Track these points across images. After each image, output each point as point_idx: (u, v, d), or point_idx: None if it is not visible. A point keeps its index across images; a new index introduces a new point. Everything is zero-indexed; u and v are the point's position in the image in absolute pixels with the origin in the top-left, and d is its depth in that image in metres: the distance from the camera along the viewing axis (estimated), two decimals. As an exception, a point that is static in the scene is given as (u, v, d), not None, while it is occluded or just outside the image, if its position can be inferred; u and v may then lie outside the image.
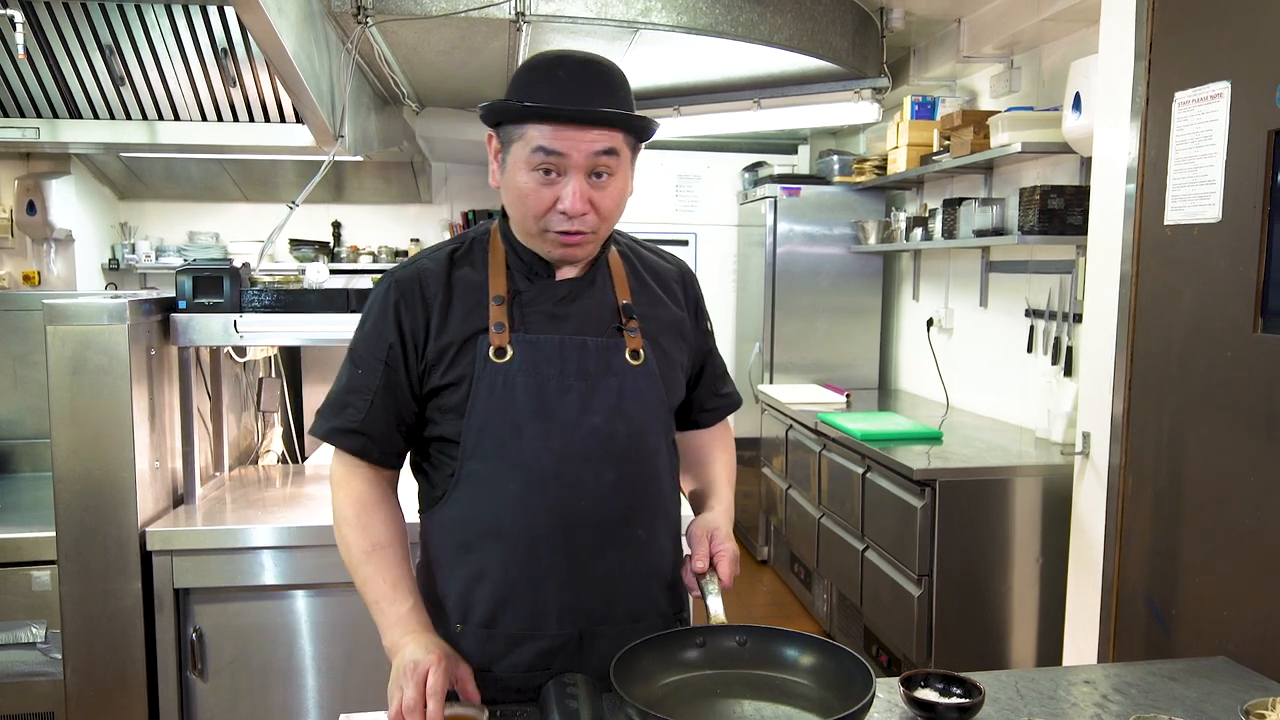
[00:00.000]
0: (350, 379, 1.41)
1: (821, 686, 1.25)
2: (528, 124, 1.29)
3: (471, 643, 1.39)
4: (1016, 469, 3.15)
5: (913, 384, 5.01)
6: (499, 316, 1.37)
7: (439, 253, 1.44)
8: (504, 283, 1.40)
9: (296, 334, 2.44)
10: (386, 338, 1.38)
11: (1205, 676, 1.49)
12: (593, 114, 1.28)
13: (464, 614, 1.41)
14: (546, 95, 1.28)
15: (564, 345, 1.38)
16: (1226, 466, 2.08)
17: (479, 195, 6.21)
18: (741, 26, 3.40)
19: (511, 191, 1.34)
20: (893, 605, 3.28)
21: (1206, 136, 2.10)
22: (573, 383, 1.37)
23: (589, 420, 1.37)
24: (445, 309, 1.38)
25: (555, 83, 1.29)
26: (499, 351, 1.36)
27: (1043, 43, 3.72)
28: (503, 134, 1.34)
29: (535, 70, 1.33)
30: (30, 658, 2.20)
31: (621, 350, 1.41)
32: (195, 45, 3.05)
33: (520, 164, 1.31)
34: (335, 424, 1.40)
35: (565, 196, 1.30)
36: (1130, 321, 2.38)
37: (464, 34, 3.34)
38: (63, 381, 2.11)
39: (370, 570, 1.35)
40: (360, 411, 1.39)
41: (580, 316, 1.41)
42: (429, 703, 1.18)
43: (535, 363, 1.36)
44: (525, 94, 1.29)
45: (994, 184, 4.04)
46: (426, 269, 1.41)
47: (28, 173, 5.22)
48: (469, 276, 1.41)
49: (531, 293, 1.41)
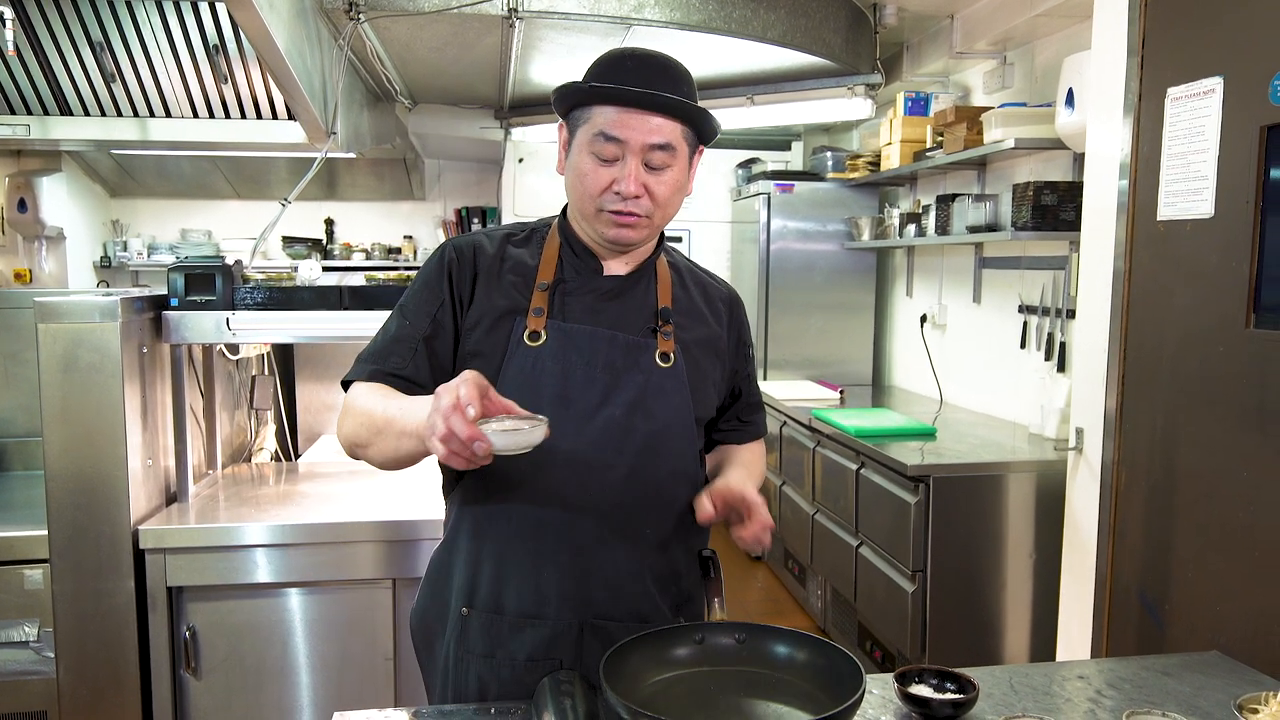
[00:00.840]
0: (399, 329, 1.43)
1: (812, 683, 1.25)
2: (593, 108, 1.35)
3: (477, 628, 1.41)
4: (1010, 465, 3.15)
5: (906, 380, 5.01)
6: (540, 302, 1.41)
7: (496, 233, 1.51)
8: (552, 271, 1.45)
9: (289, 331, 2.43)
10: (439, 294, 1.43)
11: (1198, 671, 1.49)
12: (652, 98, 1.33)
13: (470, 596, 1.42)
14: (609, 71, 1.37)
15: (595, 336, 1.41)
16: (1219, 461, 2.08)
17: (472, 192, 6.20)
18: (734, 23, 3.39)
19: (572, 173, 1.40)
20: (887, 601, 3.28)
21: (1199, 132, 2.10)
22: (598, 374, 1.40)
23: (608, 412, 1.39)
24: (491, 280, 1.43)
25: (622, 70, 1.37)
26: (533, 335, 1.40)
27: (1036, 38, 3.72)
28: (571, 121, 1.40)
29: (606, 62, 1.40)
30: (23, 656, 2.19)
31: (652, 350, 1.44)
32: (186, 41, 3.03)
33: (582, 147, 1.37)
34: (378, 366, 1.41)
35: (622, 178, 1.35)
36: (1123, 317, 2.38)
37: (456, 30, 3.33)
38: (54, 379, 2.10)
39: (388, 400, 1.33)
40: (405, 359, 1.41)
41: (619, 313, 1.45)
42: (460, 391, 1.12)
43: (565, 350, 1.40)
44: (590, 72, 1.39)
45: (987, 180, 4.05)
46: (481, 242, 1.47)
47: (18, 170, 5.20)
48: (521, 257, 1.46)
49: (576, 283, 1.45)
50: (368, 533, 2.22)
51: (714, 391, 1.54)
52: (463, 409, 1.11)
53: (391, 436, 1.30)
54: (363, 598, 2.26)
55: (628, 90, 1.33)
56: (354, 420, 1.37)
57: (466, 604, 1.42)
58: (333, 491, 2.52)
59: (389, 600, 2.26)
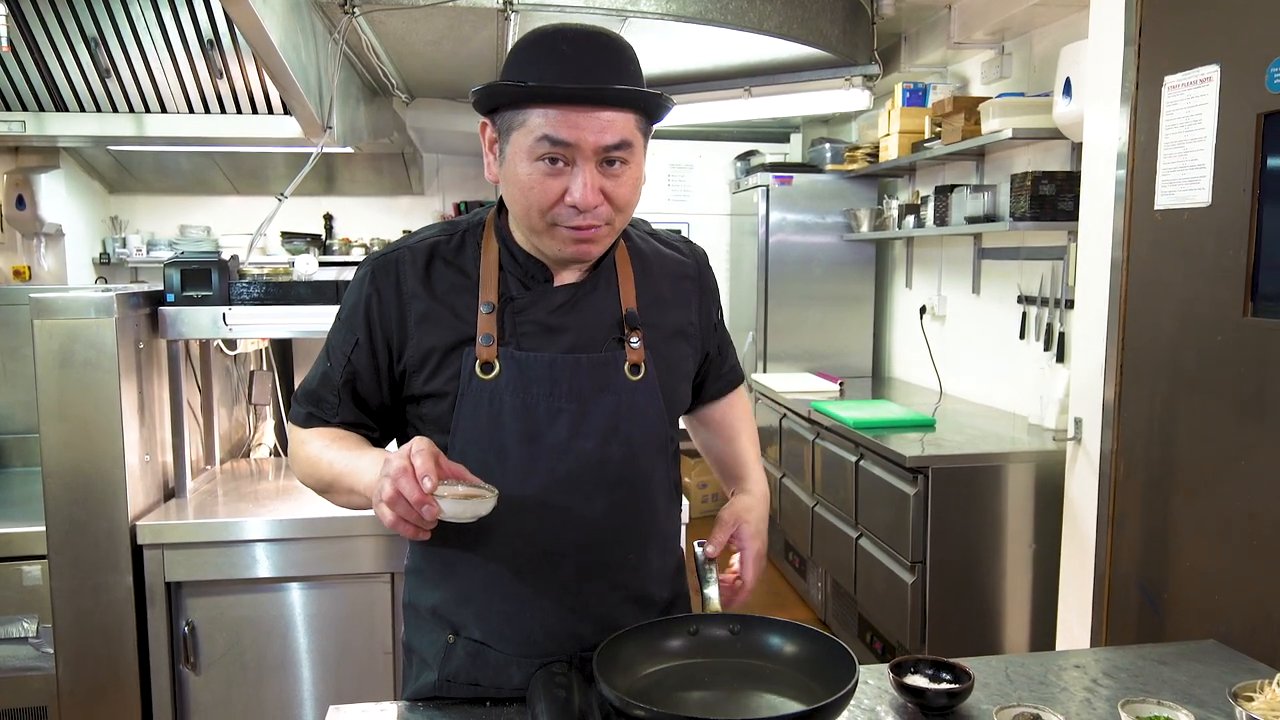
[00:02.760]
0: (324, 371, 1.35)
1: (805, 674, 1.25)
2: (529, 108, 1.15)
3: (463, 655, 1.33)
4: (1009, 455, 3.15)
5: (906, 371, 5.01)
6: (487, 327, 1.26)
7: (420, 244, 1.32)
8: (495, 288, 1.28)
9: (286, 326, 2.43)
10: (355, 333, 1.30)
11: (1195, 660, 1.49)
12: (603, 93, 1.14)
13: (455, 628, 1.34)
14: (549, 74, 1.14)
15: (555, 365, 1.26)
16: (1217, 450, 2.08)
17: (471, 186, 6.19)
18: (731, 14, 3.38)
19: (512, 185, 1.20)
20: (886, 592, 3.29)
21: (1196, 120, 2.09)
22: (564, 404, 1.27)
23: (579, 445, 1.27)
24: (426, 309, 1.28)
25: (558, 59, 1.15)
26: (485, 367, 1.25)
27: (1033, 28, 3.71)
28: (499, 121, 1.20)
29: (534, 47, 1.18)
30: (22, 653, 2.20)
31: (620, 365, 1.30)
32: (181, 37, 3.02)
33: (522, 154, 1.17)
34: (313, 411, 1.36)
35: (575, 188, 1.17)
36: (1121, 307, 2.38)
37: (452, 23, 3.32)
38: (51, 375, 2.10)
39: (335, 450, 1.28)
40: (333, 405, 1.34)
41: (578, 327, 1.30)
42: (415, 460, 1.06)
43: (523, 382, 1.26)
44: (524, 74, 1.15)
45: (985, 170, 4.04)
46: (404, 261, 1.30)
47: (16, 167, 5.19)
48: (456, 277, 1.29)
49: (525, 300, 1.29)
50: (366, 527, 2.23)
51: (688, 382, 1.46)
52: (414, 474, 1.06)
53: (341, 492, 1.28)
54: (361, 592, 2.26)
55: (570, 89, 1.13)
56: (302, 467, 1.35)
57: (453, 633, 1.34)
58: (331, 486, 2.52)
59: (388, 594, 2.27)
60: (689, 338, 1.42)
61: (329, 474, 1.28)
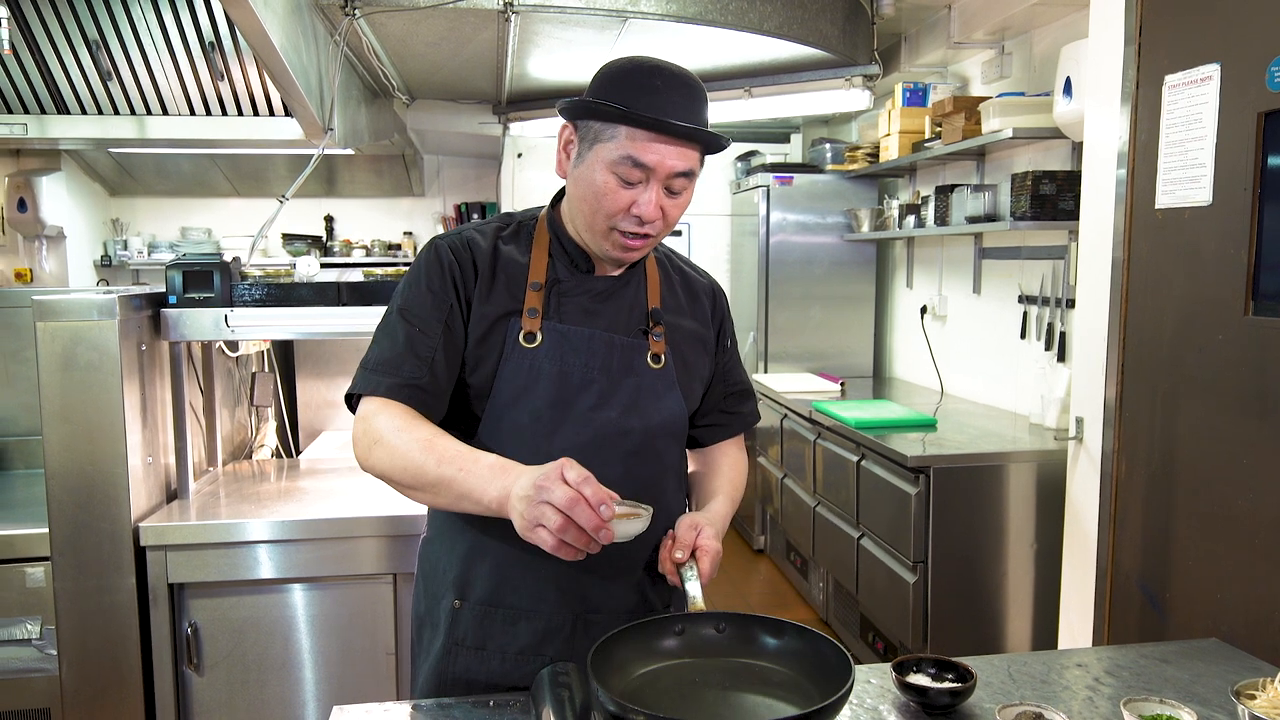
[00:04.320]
0: (408, 335, 1.37)
1: (801, 674, 1.25)
2: (619, 127, 1.30)
3: (469, 620, 1.42)
4: (1010, 455, 3.15)
5: (907, 371, 5.01)
6: (534, 302, 1.40)
7: (486, 228, 1.46)
8: (544, 269, 1.42)
9: (288, 328, 2.43)
10: (445, 298, 1.39)
11: (1197, 658, 1.49)
12: (689, 131, 1.30)
13: (463, 589, 1.42)
14: (640, 103, 1.29)
15: (593, 340, 1.41)
16: (1219, 449, 2.08)
17: (471, 188, 6.20)
18: (731, 14, 3.38)
19: (585, 186, 1.34)
20: (888, 592, 3.29)
21: (1197, 119, 2.10)
22: (596, 377, 1.40)
23: (604, 415, 1.40)
24: (489, 281, 1.41)
25: (654, 92, 1.30)
26: (529, 336, 1.39)
27: (1033, 28, 3.71)
28: (584, 129, 1.34)
29: (631, 75, 1.32)
30: (25, 654, 2.20)
31: (645, 352, 1.45)
32: (182, 39, 3.03)
33: (601, 164, 1.31)
34: (396, 380, 1.35)
35: (643, 203, 1.32)
36: (1122, 306, 2.38)
37: (452, 25, 3.33)
38: (54, 378, 2.11)
39: (441, 445, 1.27)
40: (423, 371, 1.36)
41: (612, 314, 1.45)
42: (584, 489, 1.11)
43: (563, 352, 1.39)
44: (621, 98, 1.29)
45: (986, 170, 4.04)
46: (474, 240, 1.43)
47: (18, 170, 5.20)
48: (513, 255, 1.43)
49: (570, 283, 1.43)
50: (368, 528, 2.23)
51: (701, 387, 1.56)
52: (587, 502, 1.10)
53: (449, 496, 1.26)
54: (364, 593, 2.26)
55: (669, 123, 1.28)
56: (389, 457, 1.30)
57: (459, 596, 1.43)
58: (333, 487, 2.52)
59: (390, 595, 2.27)
60: (704, 344, 1.56)
61: (434, 473, 1.26)
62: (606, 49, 3.72)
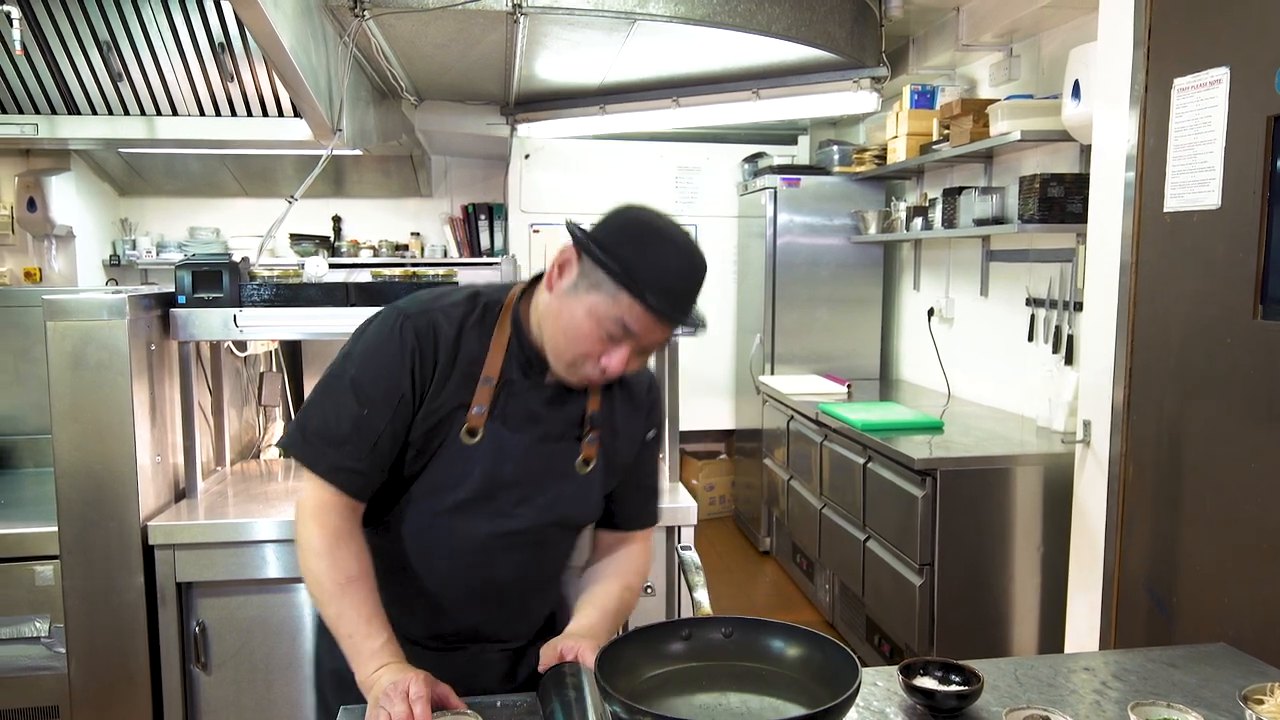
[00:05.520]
0: (356, 419, 1.37)
1: (808, 677, 1.25)
2: (624, 293, 1.30)
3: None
4: (1017, 458, 3.15)
5: (914, 374, 5.00)
6: (483, 398, 1.41)
7: (453, 310, 1.43)
8: (499, 365, 1.42)
9: (296, 328, 2.44)
10: (401, 386, 1.38)
11: (1204, 663, 1.49)
12: (683, 321, 1.35)
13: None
14: (657, 284, 1.30)
15: (529, 450, 1.44)
16: (1227, 454, 2.08)
17: (479, 189, 6.20)
18: (739, 16, 3.39)
19: (566, 320, 1.35)
20: (894, 595, 3.28)
21: (1206, 123, 2.09)
22: (522, 479, 1.44)
23: (520, 512, 1.45)
24: (446, 373, 1.40)
25: (668, 275, 1.32)
26: (471, 432, 1.41)
27: (1042, 30, 3.71)
28: (588, 268, 1.33)
29: (653, 248, 1.34)
30: (34, 652, 2.21)
31: (575, 456, 1.48)
32: (192, 40, 3.04)
33: (591, 311, 1.32)
34: (335, 461, 1.37)
35: (614, 359, 1.35)
36: (1130, 310, 2.37)
37: (461, 26, 3.33)
38: (63, 377, 2.12)
39: (345, 604, 1.32)
40: (363, 452, 1.37)
41: (553, 419, 1.46)
42: (415, 707, 1.19)
43: (498, 456, 1.42)
44: (637, 264, 1.30)
45: (994, 173, 4.03)
46: (439, 325, 1.40)
47: (28, 169, 5.22)
48: (471, 345, 1.42)
49: (521, 385, 1.44)
50: (375, 528, 2.23)
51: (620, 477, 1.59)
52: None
53: (335, 635, 1.34)
54: (371, 593, 2.27)
55: (672, 315, 1.32)
56: (306, 571, 1.36)
57: None
58: (340, 487, 2.52)
59: (397, 595, 2.27)
60: (633, 444, 1.57)
61: (331, 620, 1.34)
62: (614, 50, 3.72)
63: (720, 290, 5.85)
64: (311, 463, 1.38)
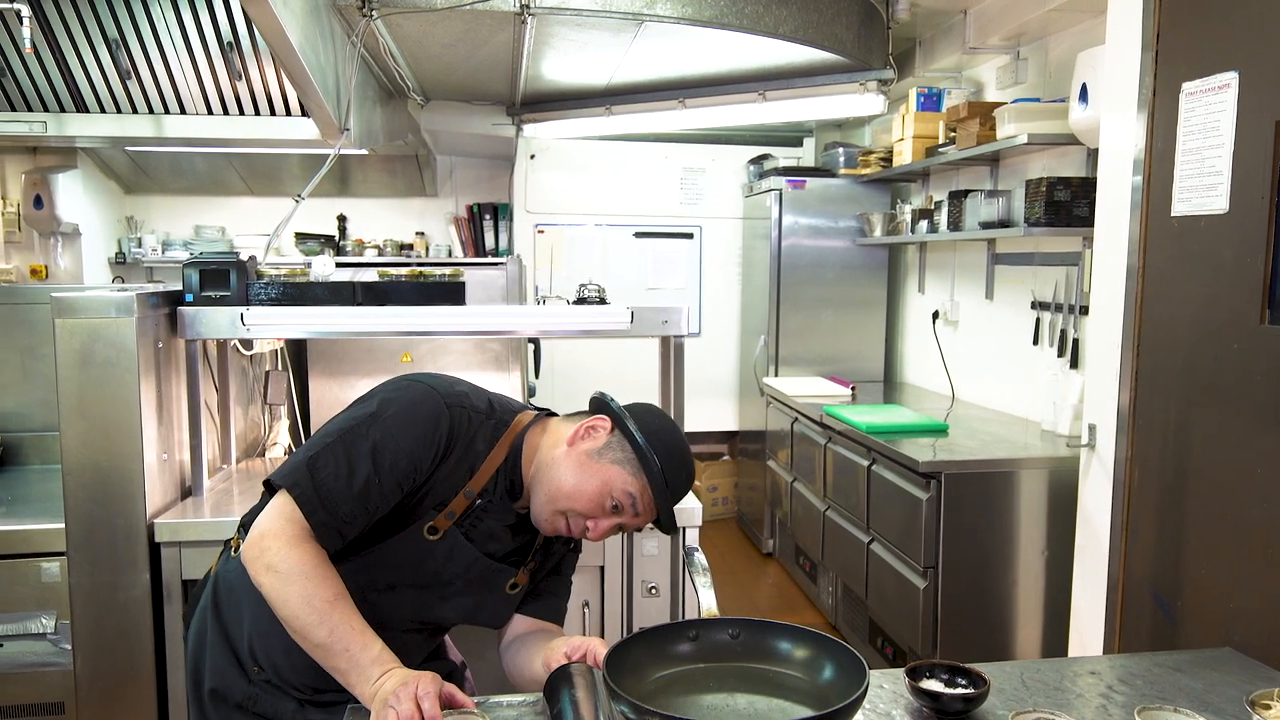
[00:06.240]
0: (366, 484, 1.39)
1: (816, 679, 1.25)
2: (644, 477, 1.46)
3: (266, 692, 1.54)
4: (1022, 461, 3.15)
5: (918, 377, 5.00)
6: (458, 506, 1.49)
7: (476, 416, 1.52)
8: (483, 483, 1.50)
9: (302, 326, 2.44)
10: (418, 472, 1.44)
11: (1210, 667, 1.49)
12: (667, 518, 1.50)
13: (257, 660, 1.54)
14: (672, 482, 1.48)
15: (476, 564, 1.53)
16: (1233, 458, 2.07)
17: (484, 189, 6.21)
18: (746, 18, 3.39)
19: (576, 477, 1.47)
20: (898, 598, 3.28)
21: (1214, 127, 2.09)
22: (460, 584, 1.54)
23: (447, 612, 1.56)
24: (452, 465, 1.48)
25: (679, 479, 1.49)
26: (433, 530, 1.48)
27: (1049, 34, 3.71)
28: (619, 445, 1.49)
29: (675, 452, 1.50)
30: (40, 648, 2.22)
31: (509, 578, 1.58)
32: (201, 38, 3.05)
33: (607, 480, 1.46)
34: (331, 519, 1.38)
35: (599, 529, 1.48)
36: (1137, 314, 2.37)
37: (469, 26, 3.34)
38: (71, 374, 2.12)
39: (337, 619, 1.32)
40: (357, 519, 1.40)
41: (507, 542, 1.57)
42: (423, 704, 1.20)
43: (450, 558, 1.51)
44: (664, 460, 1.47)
45: (1000, 176, 4.03)
46: (465, 425, 1.49)
47: (34, 167, 5.23)
48: (473, 455, 1.50)
49: (494, 508, 1.53)
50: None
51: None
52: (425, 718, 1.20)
53: (324, 660, 1.33)
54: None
55: (669, 512, 1.48)
56: (292, 589, 1.32)
57: (257, 666, 1.54)
58: (346, 486, 2.53)
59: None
60: (557, 555, 1.70)
61: (323, 639, 1.31)
62: (621, 51, 3.72)
63: (725, 292, 5.85)
64: (308, 511, 1.38)
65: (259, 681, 1.54)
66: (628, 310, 2.42)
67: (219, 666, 1.56)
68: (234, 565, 1.56)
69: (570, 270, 5.74)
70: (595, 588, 2.28)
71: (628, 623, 2.29)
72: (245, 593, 1.50)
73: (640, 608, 2.28)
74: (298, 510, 1.37)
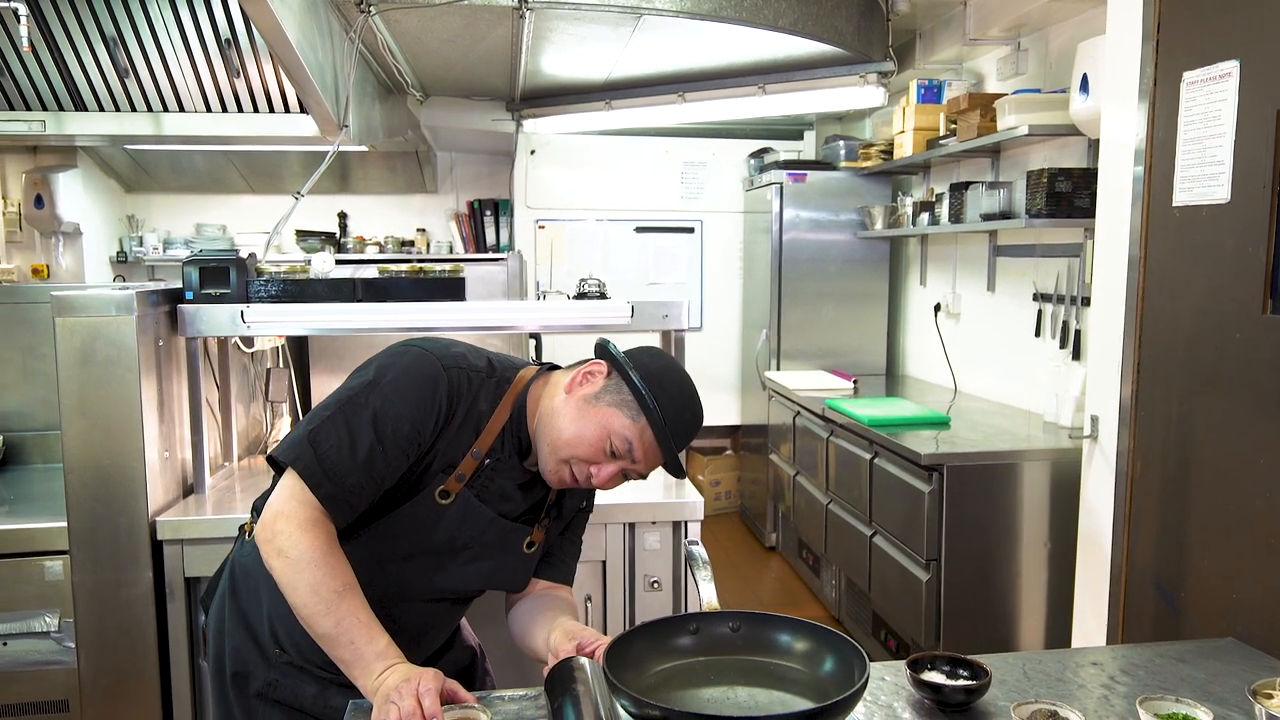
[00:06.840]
0: (370, 454, 1.38)
1: (816, 671, 1.25)
2: (642, 419, 1.43)
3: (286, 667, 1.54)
4: (1024, 453, 3.14)
5: (920, 369, 5.00)
6: (467, 468, 1.48)
7: (476, 375, 1.50)
8: (490, 442, 1.49)
9: (303, 324, 2.44)
10: (423, 435, 1.43)
11: (1213, 657, 1.49)
12: (673, 460, 1.48)
13: (278, 641, 1.54)
14: (673, 421, 1.46)
15: (491, 524, 1.52)
16: (1235, 449, 2.07)
17: (484, 184, 6.20)
18: (745, 11, 3.38)
19: (576, 424, 1.45)
20: (901, 591, 3.28)
21: (1215, 117, 2.08)
22: (476, 547, 1.53)
23: (465, 570, 1.54)
24: (456, 428, 1.46)
25: (682, 418, 1.48)
26: (444, 494, 1.47)
27: (1049, 24, 3.69)
28: (616, 387, 1.46)
29: (678, 391, 1.49)
30: (44, 647, 2.22)
31: (525, 536, 1.57)
32: (199, 36, 3.05)
33: (605, 424, 1.43)
34: (338, 490, 1.38)
35: (603, 474, 1.46)
36: (1138, 304, 2.37)
37: (467, 22, 3.33)
38: (72, 373, 2.12)
39: (344, 611, 1.32)
40: (365, 489, 1.40)
41: (520, 501, 1.56)
42: (424, 700, 1.20)
43: (462, 522, 1.49)
44: (664, 400, 1.45)
45: (1001, 167, 4.02)
46: (469, 382, 1.48)
47: (35, 166, 5.23)
48: (478, 414, 1.49)
49: (503, 465, 1.52)
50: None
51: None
52: (423, 715, 1.19)
53: (329, 648, 1.33)
54: (378, 588, 2.27)
55: (675, 463, 1.47)
56: (294, 578, 1.32)
57: (279, 648, 1.53)
58: (348, 482, 2.53)
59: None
60: (570, 512, 1.70)
61: (329, 630, 1.32)
62: (620, 45, 3.72)
63: (726, 286, 5.84)
64: (314, 484, 1.37)
65: (279, 664, 1.53)
66: (628, 305, 2.42)
67: (239, 651, 1.55)
68: (249, 549, 1.56)
69: (571, 265, 5.73)
70: (598, 581, 2.28)
71: (630, 617, 2.29)
72: (262, 575, 1.48)
73: (642, 602, 2.28)
74: (306, 488, 1.37)
